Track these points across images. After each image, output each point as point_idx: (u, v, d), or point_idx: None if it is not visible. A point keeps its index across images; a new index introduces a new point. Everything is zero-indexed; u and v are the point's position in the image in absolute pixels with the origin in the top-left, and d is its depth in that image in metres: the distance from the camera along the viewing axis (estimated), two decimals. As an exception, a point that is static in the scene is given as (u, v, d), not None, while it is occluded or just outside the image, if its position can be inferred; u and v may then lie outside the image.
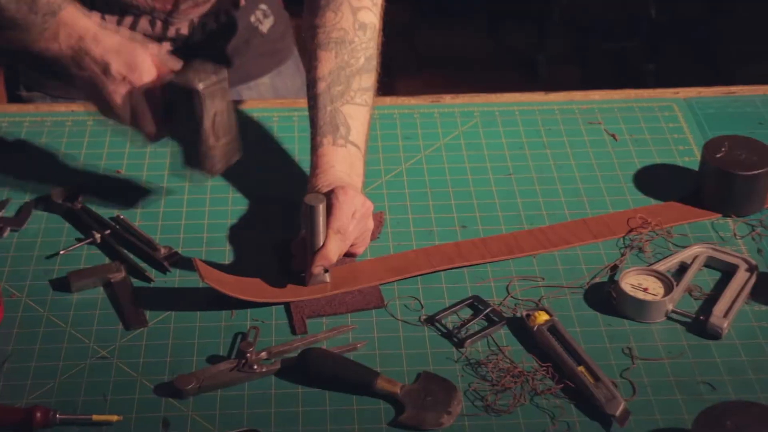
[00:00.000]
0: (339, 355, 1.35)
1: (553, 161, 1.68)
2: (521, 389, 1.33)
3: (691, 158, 1.69)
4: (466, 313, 1.43)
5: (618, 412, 1.29)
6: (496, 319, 1.42)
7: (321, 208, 1.38)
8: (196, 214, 1.57)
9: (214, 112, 1.40)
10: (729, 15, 3.83)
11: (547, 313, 1.40)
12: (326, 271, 1.44)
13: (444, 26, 4.03)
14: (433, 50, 3.95)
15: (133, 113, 1.42)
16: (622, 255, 1.52)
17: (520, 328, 1.40)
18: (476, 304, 1.44)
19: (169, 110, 1.43)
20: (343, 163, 1.50)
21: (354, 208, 1.42)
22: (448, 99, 1.81)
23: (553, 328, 1.39)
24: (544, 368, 1.36)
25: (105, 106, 1.44)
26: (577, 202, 1.60)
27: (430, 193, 1.61)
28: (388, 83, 1.59)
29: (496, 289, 1.46)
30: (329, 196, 1.42)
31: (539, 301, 1.45)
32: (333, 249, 1.41)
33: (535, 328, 1.39)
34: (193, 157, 1.44)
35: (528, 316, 1.40)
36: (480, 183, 1.63)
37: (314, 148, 1.52)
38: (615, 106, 1.80)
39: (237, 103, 1.79)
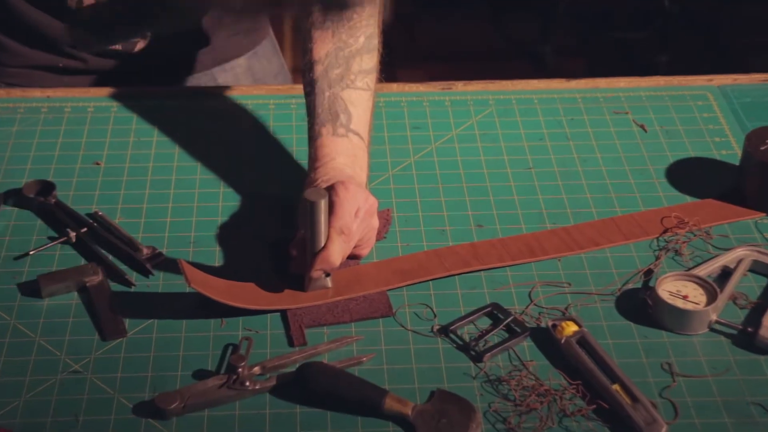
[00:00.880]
0: (342, 371, 1.22)
1: (576, 154, 1.56)
2: (548, 410, 1.20)
3: (729, 151, 1.56)
4: (485, 323, 1.31)
5: (660, 436, 1.15)
6: (518, 330, 1.29)
7: (323, 205, 1.26)
8: (182, 210, 1.45)
9: None
10: (740, 5, 3.71)
11: (576, 323, 1.26)
12: (327, 275, 1.32)
13: (446, 17, 3.90)
14: (434, 42, 3.84)
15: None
16: (657, 258, 1.38)
17: (546, 339, 1.28)
18: (495, 313, 1.31)
19: None
20: (345, 155, 1.38)
21: (357, 205, 1.30)
22: (460, 86, 1.69)
23: (582, 340, 1.25)
24: (574, 386, 1.22)
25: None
26: (605, 200, 1.48)
27: (441, 189, 1.50)
28: (388, 76, 1.46)
29: (517, 295, 1.34)
30: (330, 193, 1.30)
31: (566, 309, 1.32)
32: (336, 251, 1.28)
33: (562, 341, 1.25)
34: None
35: (554, 326, 1.26)
36: (497, 177, 1.52)
37: (312, 138, 1.40)
38: (643, 94, 1.68)
39: (221, 89, 1.67)
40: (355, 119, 1.41)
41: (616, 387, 1.20)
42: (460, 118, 1.62)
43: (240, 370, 1.20)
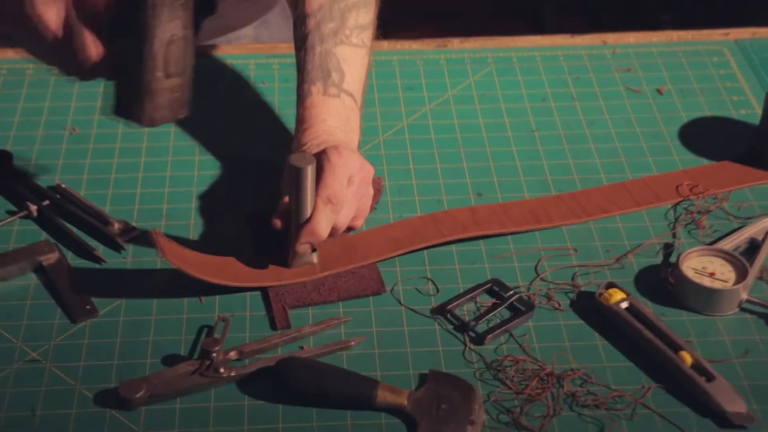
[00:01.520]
0: (325, 365, 1.11)
1: (583, 116, 1.46)
2: (554, 396, 1.08)
3: (748, 111, 1.46)
4: (486, 300, 1.20)
5: (744, 412, 1.06)
6: (522, 308, 1.18)
7: (310, 171, 1.15)
8: (154, 180, 1.35)
9: (170, 35, 1.09)
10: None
11: (621, 290, 1.17)
12: (314, 250, 1.21)
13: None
14: (428, 2, 3.71)
15: (66, 33, 1.10)
16: (674, 229, 1.27)
17: (551, 318, 1.18)
18: (497, 290, 1.20)
19: (113, 31, 1.12)
20: (337, 117, 1.28)
21: (349, 173, 1.20)
22: (456, 43, 1.59)
23: (632, 309, 1.15)
24: (583, 369, 1.11)
25: (25, 24, 1.11)
26: (615, 164, 1.38)
27: (437, 154, 1.39)
28: (379, 34, 1.40)
29: (521, 270, 1.23)
30: (319, 158, 1.19)
31: (574, 284, 1.21)
32: (322, 222, 1.18)
33: (612, 309, 1.16)
34: (131, 97, 1.13)
35: (600, 295, 1.17)
36: (497, 142, 1.41)
37: (301, 98, 1.29)
38: (654, 50, 1.57)
39: (206, 48, 1.54)
40: (348, 78, 1.31)
41: (685, 357, 1.11)
42: (457, 78, 1.52)
43: (214, 355, 1.10)
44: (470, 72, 1.53)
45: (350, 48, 1.31)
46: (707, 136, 1.42)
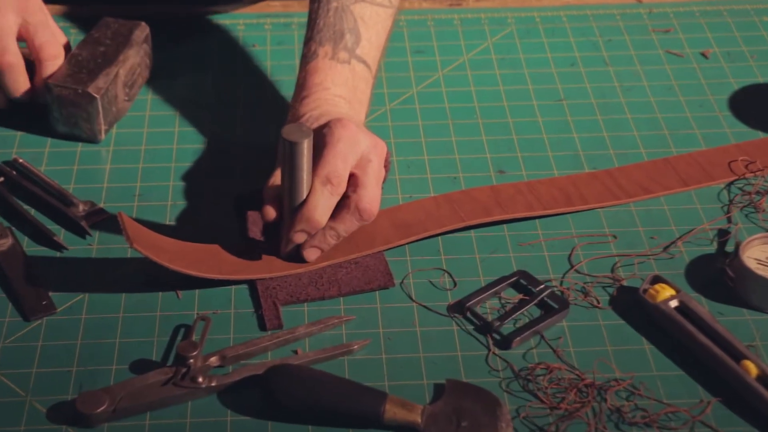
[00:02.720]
0: (322, 374, 0.96)
1: (617, 82, 1.33)
2: (595, 412, 0.94)
3: None
4: (511, 296, 1.06)
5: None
6: (555, 306, 1.03)
7: (306, 146, 1.01)
8: (127, 155, 1.21)
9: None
10: None
11: (670, 285, 1.02)
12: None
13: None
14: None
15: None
16: (729, 213, 1.13)
17: (588, 317, 1.03)
18: (524, 283, 1.06)
19: None
20: (343, 86, 1.14)
21: (355, 151, 1.04)
22: (471, 1, 1.46)
23: (684, 308, 1.01)
24: (628, 379, 0.96)
25: None
26: (657, 137, 1.24)
27: (452, 126, 1.26)
28: None
29: (552, 259, 1.09)
30: (319, 132, 1.05)
31: (614, 275, 1.06)
32: (319, 205, 1.03)
33: (659, 308, 1.01)
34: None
35: (644, 291, 1.02)
36: (521, 112, 1.28)
37: (305, 59, 1.16)
38: (696, 9, 1.44)
39: (174, 6, 1.42)
40: (364, 43, 1.17)
41: (745, 365, 0.95)
42: (473, 40, 1.40)
43: (191, 361, 0.96)
44: (488, 33, 1.40)
45: (371, 6, 1.18)
46: (762, 106, 1.28)
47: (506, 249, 1.09)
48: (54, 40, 1.21)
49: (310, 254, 1.05)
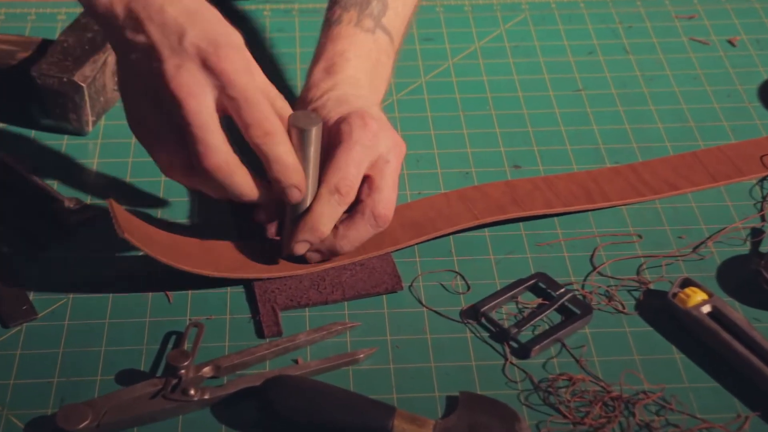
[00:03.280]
0: (324, 386, 0.89)
1: (639, 71, 1.26)
2: (623, 428, 0.86)
3: None
4: (529, 300, 0.99)
5: None
6: (577, 311, 0.96)
7: (314, 135, 0.93)
8: (116, 148, 1.14)
9: None
10: None
11: (702, 289, 0.95)
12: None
13: None
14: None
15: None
16: (762, 210, 1.06)
17: (613, 323, 0.96)
18: (543, 287, 0.99)
19: None
20: (365, 59, 1.06)
21: (372, 153, 0.96)
22: None
23: (717, 313, 0.94)
24: (658, 391, 0.89)
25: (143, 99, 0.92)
26: (683, 130, 1.17)
27: (463, 118, 1.19)
28: None
29: (572, 261, 1.02)
30: (337, 128, 0.96)
31: (640, 277, 0.99)
32: (325, 215, 0.95)
33: (690, 314, 0.93)
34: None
35: (674, 295, 0.95)
36: (536, 103, 1.21)
37: (327, 24, 1.08)
38: None
39: None
40: (390, 12, 1.09)
41: None
42: (485, 27, 1.34)
43: (182, 371, 0.89)
44: (501, 20, 1.34)
45: None
46: (793, 96, 1.22)
47: (523, 249, 1.02)
48: (264, 115, 0.91)
49: (313, 256, 0.97)
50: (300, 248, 0.96)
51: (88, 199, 1.07)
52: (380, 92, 1.06)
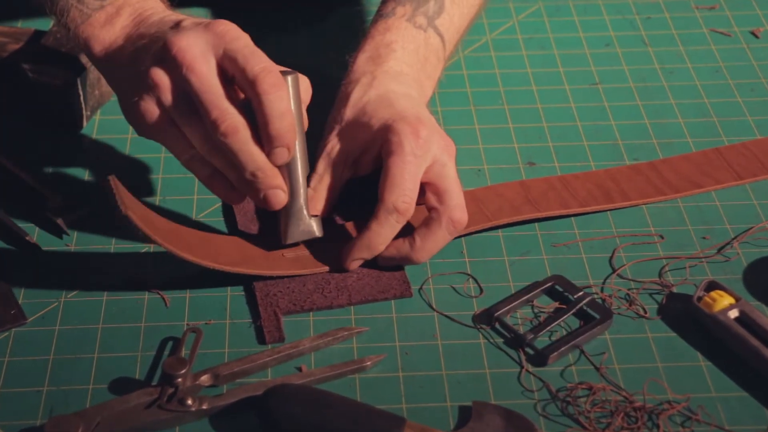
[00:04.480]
0: (329, 395, 0.86)
1: (658, 64, 1.22)
2: None
3: None
4: (546, 304, 0.94)
5: None
6: (596, 316, 0.92)
7: (291, 83, 0.92)
8: (111, 144, 1.11)
9: None
10: None
11: (729, 293, 0.91)
12: (314, 216, 0.97)
13: None
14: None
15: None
16: None
17: (635, 329, 0.92)
18: (561, 290, 0.95)
19: None
20: (413, 54, 1.03)
21: (428, 161, 0.93)
22: None
23: (745, 318, 0.89)
24: (684, 401, 0.84)
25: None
26: (705, 125, 1.13)
27: (475, 113, 1.15)
28: None
29: (590, 262, 0.98)
30: (385, 137, 0.94)
31: (662, 280, 0.94)
32: (382, 235, 0.94)
33: (716, 319, 0.89)
34: None
35: (699, 298, 0.91)
36: (551, 97, 1.17)
37: (379, 15, 1.06)
38: None
39: None
40: (445, 16, 1.06)
41: None
42: (497, 19, 1.30)
43: (179, 380, 0.86)
44: (513, 11, 1.31)
45: None
46: (820, 90, 1.18)
47: (539, 250, 0.98)
48: (270, 64, 0.90)
49: (353, 264, 0.96)
50: (355, 265, 0.95)
51: (81, 196, 1.03)
52: (426, 92, 1.03)
